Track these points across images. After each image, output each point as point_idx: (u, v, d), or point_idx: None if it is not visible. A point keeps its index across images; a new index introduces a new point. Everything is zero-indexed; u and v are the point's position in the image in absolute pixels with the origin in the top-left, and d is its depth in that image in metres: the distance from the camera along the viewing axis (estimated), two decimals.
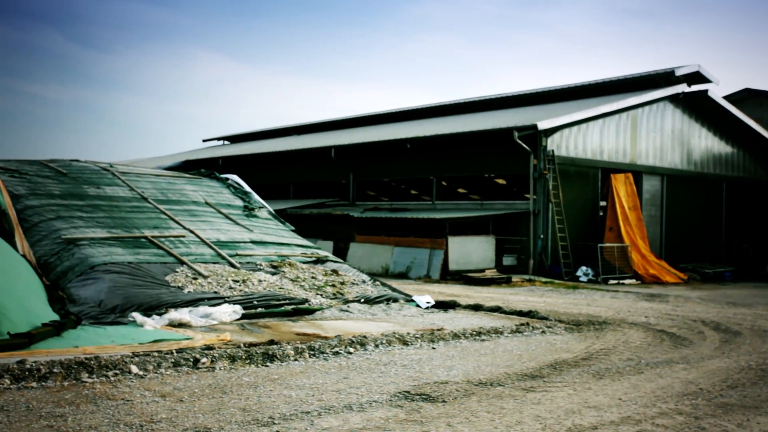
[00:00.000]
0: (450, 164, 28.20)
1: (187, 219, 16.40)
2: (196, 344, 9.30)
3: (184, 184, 19.11)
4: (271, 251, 16.10)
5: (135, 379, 7.59)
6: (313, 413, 6.41)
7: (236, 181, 20.56)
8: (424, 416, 6.42)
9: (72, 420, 5.96)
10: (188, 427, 5.85)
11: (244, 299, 12.54)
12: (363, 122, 41.73)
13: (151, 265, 13.33)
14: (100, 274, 12.40)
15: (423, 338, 10.49)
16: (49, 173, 16.92)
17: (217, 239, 15.71)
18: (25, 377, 7.24)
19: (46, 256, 13.21)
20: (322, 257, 16.70)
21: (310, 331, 10.90)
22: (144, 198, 16.87)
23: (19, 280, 11.01)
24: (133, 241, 14.26)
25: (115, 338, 9.52)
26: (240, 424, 5.98)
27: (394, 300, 14.62)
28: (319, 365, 8.61)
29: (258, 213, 18.65)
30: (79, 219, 14.72)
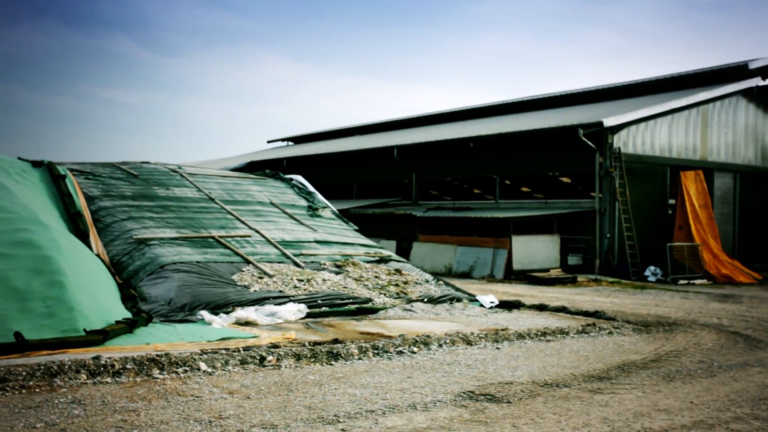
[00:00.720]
0: (513, 163, 27.92)
1: (252, 219, 16.67)
2: (263, 342, 9.45)
3: (249, 184, 19.44)
4: (335, 251, 16.23)
5: (204, 376, 7.76)
6: (378, 412, 6.43)
7: (300, 182, 20.80)
8: (489, 417, 6.38)
9: (144, 415, 6.13)
10: (255, 424, 5.95)
11: (309, 298, 12.67)
12: (425, 122, 41.68)
13: (219, 264, 13.61)
14: (170, 273, 12.72)
15: (487, 338, 10.42)
16: (121, 175, 17.44)
17: (282, 239, 15.92)
18: (100, 372, 7.49)
19: (119, 255, 13.63)
20: (386, 257, 16.75)
21: (374, 330, 10.95)
22: (211, 198, 17.23)
23: (94, 279, 11.38)
24: (201, 241, 14.58)
25: (184, 336, 9.75)
26: (306, 422, 6.05)
27: (457, 299, 14.56)
28: (383, 364, 8.64)
29: (322, 213, 18.82)
30: (150, 219, 15.14)
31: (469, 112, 39.32)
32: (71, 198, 14.98)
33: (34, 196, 14.01)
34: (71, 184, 15.74)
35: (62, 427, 5.68)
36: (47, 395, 6.68)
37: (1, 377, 7.00)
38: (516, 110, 36.54)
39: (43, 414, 6.05)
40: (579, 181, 32.98)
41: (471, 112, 39.24)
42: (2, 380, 6.97)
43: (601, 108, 28.82)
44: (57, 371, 7.32)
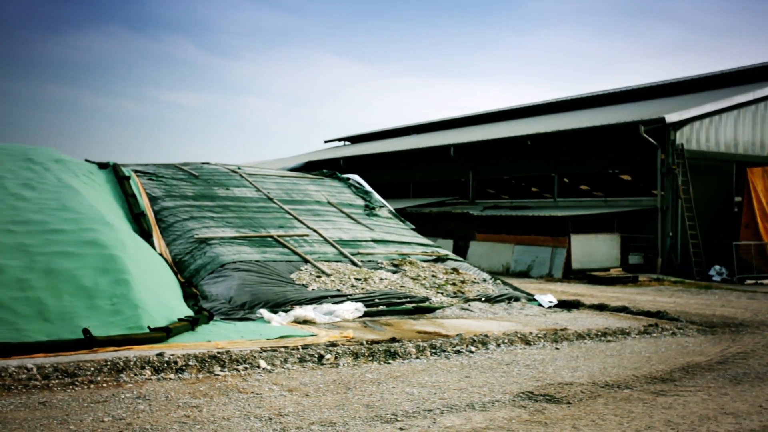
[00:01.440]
0: (572, 160, 27.51)
1: (310, 218, 16.84)
2: (321, 341, 9.53)
3: (307, 184, 19.63)
4: (392, 250, 16.27)
5: (263, 373, 7.87)
6: (436, 411, 6.43)
7: (357, 181, 20.90)
8: (548, 417, 6.31)
9: (206, 411, 6.26)
10: (314, 422, 6.01)
11: (366, 297, 12.73)
12: (482, 120, 41.41)
13: (277, 263, 13.78)
14: (230, 271, 12.94)
15: (546, 338, 10.30)
16: (183, 176, 17.82)
17: (340, 238, 16.03)
18: (164, 369, 7.67)
19: (181, 254, 13.93)
20: (443, 256, 16.70)
21: (431, 329, 10.94)
22: (270, 198, 17.46)
23: (158, 278, 11.67)
24: (260, 240, 14.79)
25: (244, 334, 9.91)
26: (364, 420, 6.09)
27: (515, 299, 14.43)
28: (441, 363, 8.63)
29: (379, 212, 18.89)
30: (210, 219, 15.43)
31: (527, 110, 38.91)
32: (135, 198, 15.37)
33: (100, 197, 14.43)
34: (135, 185, 16.15)
35: (128, 422, 5.84)
36: (114, 390, 6.88)
37: (71, 372, 7.24)
38: (574, 107, 35.99)
39: (110, 408, 6.23)
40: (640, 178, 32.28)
41: (528, 110, 38.83)
42: (72, 375, 7.20)
43: (663, 104, 28.17)
44: (123, 367, 7.52)
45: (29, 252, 10.39)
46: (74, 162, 16.03)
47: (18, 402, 6.35)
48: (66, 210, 12.26)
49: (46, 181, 13.73)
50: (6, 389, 6.74)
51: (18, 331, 8.46)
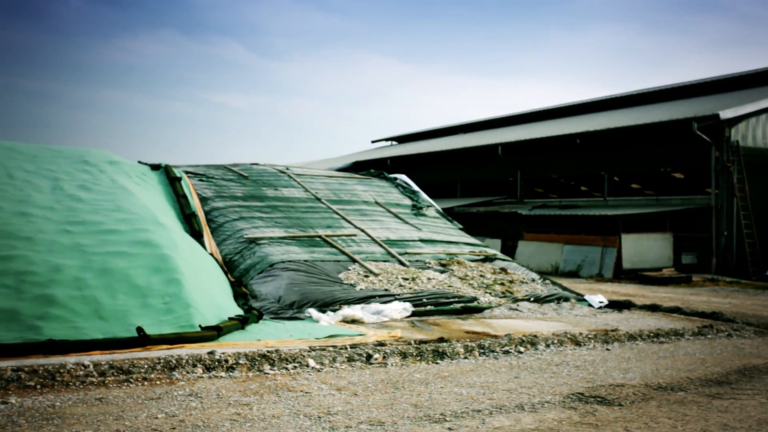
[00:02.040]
0: (622, 159, 27.07)
1: (358, 218, 16.90)
2: (369, 340, 9.57)
3: (354, 184, 19.72)
4: (440, 249, 16.23)
5: (312, 372, 7.93)
6: (485, 412, 6.39)
7: (404, 181, 20.91)
8: (600, 419, 6.22)
9: (257, 409, 6.33)
10: (363, 421, 6.04)
11: (414, 297, 12.73)
12: (529, 118, 41.03)
13: (325, 263, 13.88)
14: (279, 271, 13.07)
15: (596, 339, 10.15)
16: (232, 176, 18.07)
17: (387, 238, 16.06)
18: (215, 367, 7.79)
19: (231, 254, 14.13)
20: (491, 255, 16.60)
21: (480, 329, 10.89)
22: (318, 198, 17.59)
23: (208, 277, 11.85)
24: (309, 240, 14.91)
25: (293, 333, 10.00)
26: (412, 420, 6.09)
27: (564, 299, 14.26)
28: (490, 364, 8.58)
29: (426, 212, 18.86)
30: (260, 219, 15.61)
31: (575, 108, 38.41)
32: (186, 199, 15.64)
33: (152, 198, 14.73)
34: (186, 186, 16.44)
35: (181, 419, 5.95)
36: (167, 387, 7.01)
37: (126, 369, 7.41)
38: (625, 104, 35.39)
39: (163, 405, 6.35)
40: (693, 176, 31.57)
41: (577, 108, 38.33)
42: (127, 372, 7.37)
43: (716, 100, 27.51)
44: (175, 365, 7.66)
45: (85, 252, 10.66)
46: (128, 164, 16.39)
47: (76, 398, 6.53)
48: (120, 211, 12.55)
49: (101, 183, 14.08)
50: (64, 385, 6.93)
51: (75, 328, 8.69)
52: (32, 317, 8.76)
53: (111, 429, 5.62)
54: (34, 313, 8.85)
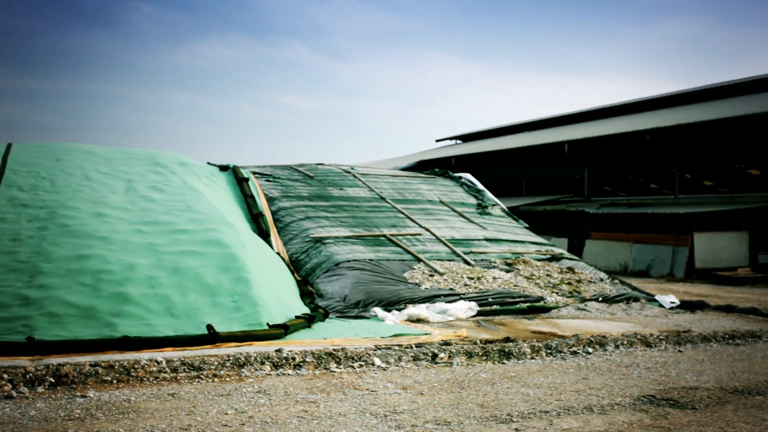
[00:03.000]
0: (694, 155, 26.29)
1: (422, 217, 16.90)
2: (434, 339, 9.55)
3: (419, 183, 19.72)
4: (505, 248, 16.09)
5: (378, 370, 7.97)
6: (552, 413, 6.31)
7: (469, 180, 20.80)
8: (672, 423, 6.06)
9: (323, 406, 6.40)
10: (429, 420, 6.03)
11: (479, 296, 12.66)
12: (597, 115, 40.24)
13: (390, 262, 13.92)
14: (345, 270, 13.18)
15: (668, 340, 9.90)
16: (298, 177, 18.31)
17: (452, 237, 16.01)
18: (283, 365, 7.91)
19: (297, 253, 14.31)
20: (557, 254, 16.37)
21: (546, 329, 10.75)
22: (382, 198, 17.65)
23: (275, 276, 12.04)
24: (373, 240, 14.98)
25: (358, 331, 10.07)
26: (479, 420, 6.06)
27: (634, 299, 13.95)
28: (557, 364, 8.46)
29: (491, 210, 18.72)
30: (325, 219, 15.77)
31: (645, 104, 37.49)
32: (254, 199, 15.92)
33: (221, 198, 15.04)
34: (254, 186, 16.73)
35: (250, 415, 6.06)
36: (236, 384, 7.16)
37: (197, 366, 7.59)
38: (696, 100, 34.36)
39: (233, 401, 6.49)
40: None
41: (646, 104, 37.41)
42: (197, 368, 7.55)
43: None
44: (244, 362, 7.81)
45: (157, 251, 10.97)
46: (197, 165, 16.79)
47: (149, 393, 6.72)
48: (190, 211, 12.86)
49: (172, 184, 14.46)
50: (139, 380, 7.15)
51: (148, 326, 8.95)
52: (108, 314, 9.06)
53: (183, 424, 5.77)
54: (110, 311, 9.15)
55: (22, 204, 12.36)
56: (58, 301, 9.19)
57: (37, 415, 5.93)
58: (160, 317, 9.28)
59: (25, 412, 6.01)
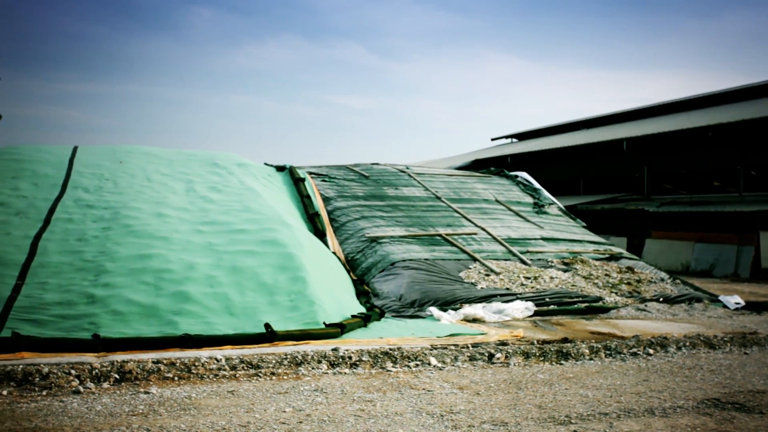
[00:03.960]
0: (760, 152, 25.48)
1: (478, 217, 16.81)
2: (490, 339, 9.49)
3: (474, 182, 19.61)
4: (562, 248, 15.88)
5: (434, 370, 7.96)
6: (612, 415, 6.20)
7: (525, 178, 20.60)
8: (738, 428, 5.89)
9: (380, 405, 6.43)
10: (485, 420, 6.00)
11: (536, 296, 12.52)
12: (656, 111, 39.34)
13: (446, 261, 13.88)
14: (400, 270, 13.19)
15: (733, 342, 9.62)
16: (354, 177, 18.40)
17: (508, 236, 15.88)
18: (339, 363, 7.96)
19: (353, 253, 14.39)
20: (616, 254, 16.08)
21: (605, 330, 10.57)
22: (437, 197, 17.62)
23: (331, 275, 12.13)
24: (429, 239, 14.96)
25: (414, 331, 10.07)
26: (536, 421, 5.99)
27: (696, 300, 13.61)
28: (616, 366, 8.31)
29: (548, 209, 18.51)
30: (380, 218, 15.82)
31: (707, 99, 36.51)
32: (310, 199, 16.08)
33: (278, 198, 15.24)
34: (310, 187, 16.89)
35: (308, 413, 6.12)
36: (293, 382, 7.24)
37: (255, 364, 7.70)
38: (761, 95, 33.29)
39: (290, 399, 6.56)
40: None
41: (709, 99, 36.42)
42: (256, 366, 7.66)
43: None
44: (301, 360, 7.90)
45: (216, 251, 11.17)
46: (254, 166, 17.04)
47: (210, 390, 6.85)
48: (248, 211, 13.06)
49: (230, 185, 14.71)
50: (199, 377, 7.29)
51: (208, 324, 9.12)
52: (169, 312, 9.27)
53: (242, 421, 5.86)
54: (171, 309, 9.36)
55: (87, 205, 12.74)
56: (122, 299, 9.44)
57: (103, 410, 6.11)
58: (220, 316, 9.45)
59: (92, 407, 6.19)
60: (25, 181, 13.55)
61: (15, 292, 9.43)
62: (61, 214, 12.15)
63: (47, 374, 6.97)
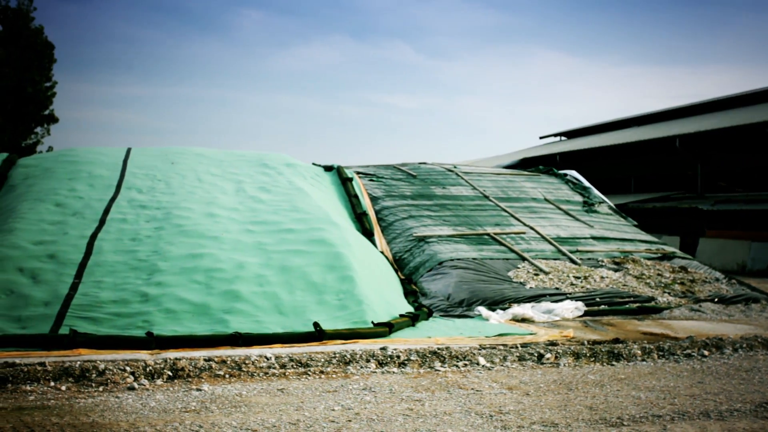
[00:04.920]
0: None
1: (526, 216, 16.66)
2: (540, 340, 9.40)
3: (522, 181, 19.45)
4: (613, 247, 15.65)
5: (483, 370, 7.92)
6: (666, 417, 6.09)
7: (575, 177, 20.34)
8: None
9: (428, 405, 6.42)
10: (535, 421, 5.95)
11: (586, 296, 12.36)
12: (710, 107, 38.42)
13: (494, 261, 13.80)
14: (448, 269, 13.16)
15: None
16: (401, 176, 18.42)
17: (557, 235, 15.71)
18: (387, 363, 7.98)
19: (400, 252, 14.40)
20: (669, 253, 15.77)
21: (658, 330, 10.38)
22: (485, 196, 17.52)
23: (379, 275, 12.16)
24: (477, 238, 14.89)
25: (462, 330, 10.03)
26: (587, 423, 5.92)
27: (754, 300, 13.26)
28: (670, 367, 8.16)
29: (598, 208, 18.25)
30: (428, 218, 15.79)
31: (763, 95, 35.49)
32: (357, 199, 16.14)
33: (326, 198, 15.34)
34: (357, 186, 16.96)
35: (356, 412, 6.16)
36: (342, 381, 7.28)
37: (304, 362, 7.77)
38: None
39: (339, 398, 6.60)
40: None
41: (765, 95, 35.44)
42: (305, 365, 7.73)
43: None
44: (350, 359, 7.94)
45: (266, 250, 11.30)
46: (303, 166, 17.17)
47: (260, 388, 6.94)
48: (296, 211, 13.18)
49: (278, 185, 14.86)
50: (249, 375, 7.39)
51: (258, 322, 9.23)
52: (220, 311, 9.42)
53: (292, 418, 5.92)
54: (222, 307, 9.50)
55: (140, 205, 13.01)
56: (174, 297, 9.62)
57: (157, 406, 6.23)
58: (269, 314, 9.55)
59: (146, 403, 6.33)
60: (82, 183, 13.89)
61: (72, 290, 9.68)
62: (115, 215, 12.43)
63: (103, 371, 7.14)
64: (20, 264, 10.26)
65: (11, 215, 12.12)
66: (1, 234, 11.23)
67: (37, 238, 11.16)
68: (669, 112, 41.39)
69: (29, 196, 13.02)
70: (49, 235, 11.34)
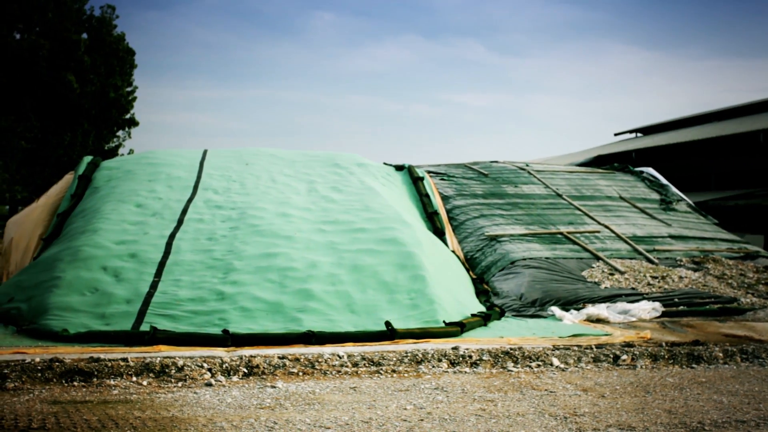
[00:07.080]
0: None
1: (601, 214, 16.33)
2: (615, 341, 9.20)
3: (597, 179, 19.06)
4: (692, 246, 15.18)
5: (556, 371, 7.80)
6: (750, 423, 5.88)
7: (651, 174, 19.81)
8: None
9: (501, 405, 6.37)
10: (611, 424, 5.83)
11: (664, 296, 12.03)
12: None
13: (567, 260, 13.57)
14: (520, 268, 13.01)
15: None
16: (473, 175, 18.30)
17: (633, 234, 15.34)
18: (459, 362, 7.95)
19: (472, 251, 14.32)
20: (752, 252, 15.20)
21: (741, 332, 10.02)
22: (558, 195, 17.24)
23: (451, 274, 12.13)
24: (549, 237, 14.68)
25: (535, 330, 9.91)
26: (666, 427, 5.76)
27: None
28: (754, 371, 7.86)
29: (676, 206, 17.73)
30: (500, 217, 15.65)
31: None
32: (429, 198, 16.12)
33: (397, 198, 15.37)
34: (428, 185, 16.93)
35: (428, 411, 6.16)
36: (414, 380, 7.29)
37: (376, 361, 7.82)
38: None
39: (411, 397, 6.62)
40: None
41: None
42: (377, 364, 7.78)
43: None
44: (422, 359, 7.95)
45: (338, 249, 11.41)
46: (374, 165, 17.26)
47: (333, 386, 7.02)
48: (368, 210, 13.26)
49: (350, 184, 14.98)
50: (322, 373, 7.48)
51: (330, 321, 9.34)
52: (293, 310, 9.56)
53: (364, 417, 5.96)
54: (295, 306, 9.65)
55: (216, 206, 13.32)
56: (249, 296, 9.82)
57: (233, 402, 6.38)
58: (341, 313, 9.65)
59: (223, 399, 6.48)
60: (161, 184, 14.32)
61: (152, 288, 10.00)
62: (192, 215, 12.77)
63: (182, 367, 7.36)
64: (104, 263, 10.65)
65: (96, 216, 12.59)
66: (87, 234, 11.67)
67: (119, 237, 11.57)
68: (752, 106, 39.86)
69: (112, 198, 13.50)
70: (130, 234, 11.74)
